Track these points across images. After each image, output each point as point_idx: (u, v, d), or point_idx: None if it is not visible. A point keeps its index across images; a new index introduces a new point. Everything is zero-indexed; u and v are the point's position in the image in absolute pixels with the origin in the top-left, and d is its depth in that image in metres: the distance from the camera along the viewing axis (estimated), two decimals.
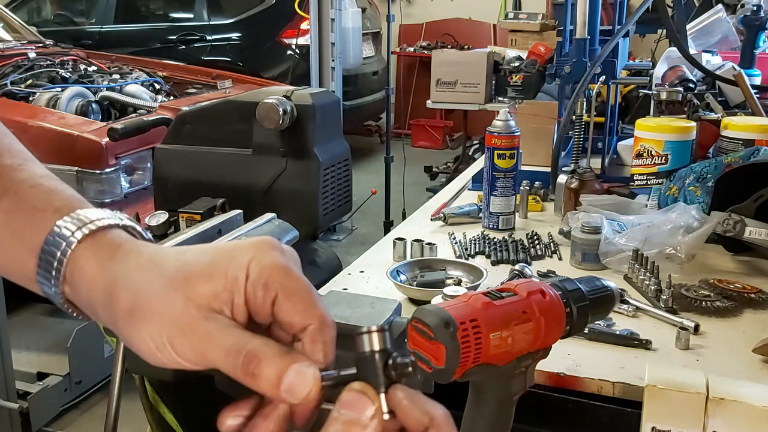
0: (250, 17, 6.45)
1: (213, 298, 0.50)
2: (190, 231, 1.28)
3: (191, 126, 2.36)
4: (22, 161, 0.60)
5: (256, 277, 0.50)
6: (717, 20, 3.08)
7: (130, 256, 0.53)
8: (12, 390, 2.60)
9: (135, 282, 0.51)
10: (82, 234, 0.53)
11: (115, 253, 0.53)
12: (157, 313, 0.50)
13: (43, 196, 0.57)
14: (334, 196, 2.32)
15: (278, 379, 0.48)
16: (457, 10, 8.13)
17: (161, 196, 2.37)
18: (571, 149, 1.87)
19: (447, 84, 4.11)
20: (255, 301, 0.50)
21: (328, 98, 2.41)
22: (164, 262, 0.52)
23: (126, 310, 0.51)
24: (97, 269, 0.53)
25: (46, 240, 0.54)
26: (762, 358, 1.14)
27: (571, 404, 1.10)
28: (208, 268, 0.51)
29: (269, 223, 1.36)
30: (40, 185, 0.58)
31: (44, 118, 3.39)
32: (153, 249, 0.54)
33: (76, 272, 0.53)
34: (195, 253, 0.53)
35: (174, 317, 0.49)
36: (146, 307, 0.50)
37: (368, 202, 5.09)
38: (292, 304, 0.51)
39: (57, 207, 0.56)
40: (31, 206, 0.56)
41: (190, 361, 0.50)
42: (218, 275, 0.50)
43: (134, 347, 0.51)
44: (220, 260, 0.51)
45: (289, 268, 0.51)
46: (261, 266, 0.50)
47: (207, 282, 0.50)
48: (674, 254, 1.42)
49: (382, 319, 1.06)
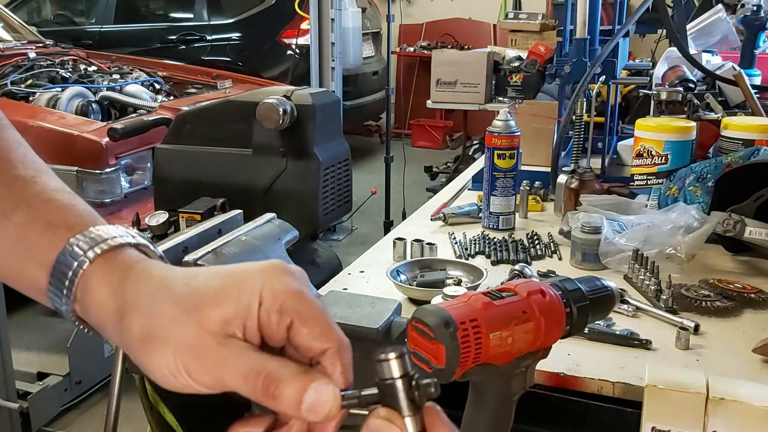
0: (250, 17, 6.45)
1: (225, 323, 0.49)
2: (190, 231, 1.28)
3: (191, 126, 2.36)
4: (36, 173, 0.60)
5: (270, 303, 0.50)
6: (717, 20, 3.08)
7: (141, 279, 0.53)
8: (12, 390, 2.60)
9: (146, 308, 0.51)
10: (94, 254, 0.53)
11: (126, 277, 0.53)
12: (170, 339, 0.50)
13: (57, 211, 0.57)
14: (334, 196, 2.32)
15: (299, 398, 0.48)
16: (457, 10, 8.13)
17: (161, 196, 2.37)
18: (571, 149, 1.88)
19: (447, 84, 4.11)
20: (269, 327, 0.50)
21: (328, 98, 2.40)
22: (175, 286, 0.52)
23: (139, 336, 0.51)
24: (108, 293, 0.53)
25: (58, 258, 0.54)
26: (762, 358, 1.14)
27: (571, 404, 1.10)
28: (219, 294, 0.50)
29: (269, 223, 1.36)
30: (54, 200, 0.58)
31: (44, 118, 3.39)
32: (163, 271, 0.54)
33: (87, 294, 0.53)
34: (205, 278, 0.52)
35: (188, 344, 0.49)
36: (159, 333, 0.50)
37: (368, 202, 5.09)
38: (310, 329, 0.50)
39: (70, 224, 0.56)
40: (45, 222, 0.56)
41: (206, 385, 0.50)
42: (230, 302, 0.50)
43: (149, 373, 0.51)
44: (231, 286, 0.51)
45: (302, 292, 0.51)
46: (275, 293, 0.50)
47: (218, 308, 0.50)
48: (674, 254, 1.42)
49: (382, 319, 1.06)
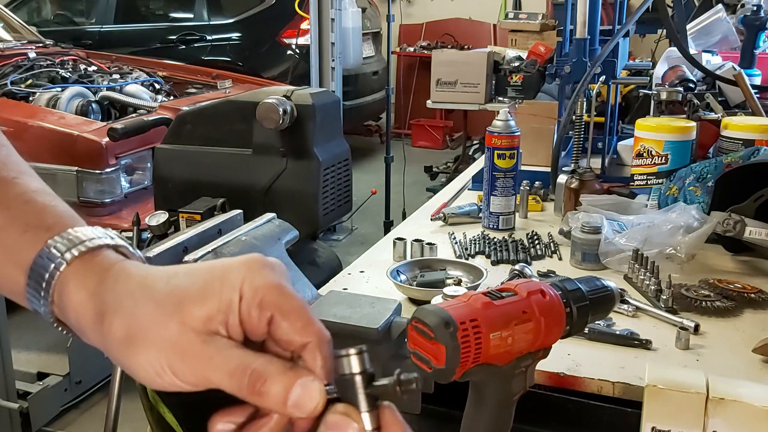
0: (250, 17, 6.45)
1: (208, 320, 0.50)
2: (190, 231, 1.27)
3: (191, 126, 2.35)
4: (17, 174, 0.60)
5: (250, 298, 0.50)
6: (717, 20, 3.08)
7: (120, 280, 0.53)
8: (12, 390, 2.60)
9: (127, 308, 0.51)
10: (71, 256, 0.53)
11: (105, 278, 0.53)
12: (153, 339, 0.50)
13: (35, 212, 0.57)
14: (334, 196, 2.32)
15: (285, 395, 0.48)
16: (457, 10, 8.13)
17: (161, 196, 2.37)
18: (571, 149, 1.88)
19: (447, 84, 4.11)
20: (250, 321, 0.50)
21: (328, 98, 2.40)
22: (155, 285, 0.52)
23: (121, 338, 0.51)
24: (86, 295, 0.53)
25: (36, 260, 0.54)
26: (762, 358, 1.14)
27: (571, 404, 1.10)
28: (200, 291, 0.50)
29: (269, 223, 1.36)
30: (33, 201, 0.58)
31: (44, 118, 3.39)
32: (143, 271, 0.54)
33: (65, 296, 0.53)
34: (186, 276, 0.52)
35: (171, 342, 0.49)
36: (142, 334, 0.50)
37: (368, 202, 5.08)
38: (290, 322, 0.51)
39: (48, 225, 0.56)
40: (23, 223, 0.56)
41: (191, 383, 0.50)
42: (211, 298, 0.50)
43: (133, 373, 0.51)
44: (212, 282, 0.51)
45: (282, 285, 0.51)
46: (255, 287, 0.50)
47: (200, 305, 0.50)
48: (674, 254, 1.42)
49: (382, 319, 1.06)
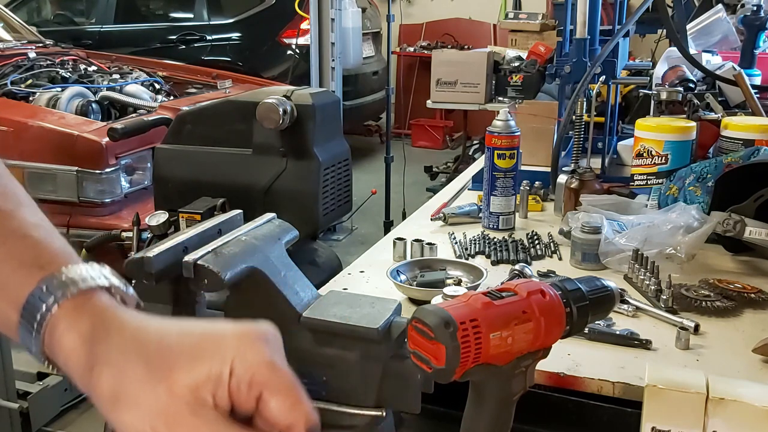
0: (250, 17, 6.45)
1: (196, 389, 0.49)
2: (190, 231, 1.27)
3: (191, 126, 2.35)
4: (15, 207, 0.60)
5: (241, 374, 0.50)
6: (717, 20, 3.07)
7: (111, 331, 0.52)
8: (12, 390, 2.59)
9: (116, 364, 0.51)
10: (64, 298, 0.53)
11: (97, 325, 0.53)
12: (140, 403, 0.49)
13: (31, 248, 0.57)
14: (334, 196, 2.32)
15: None
16: (457, 10, 8.13)
17: (161, 196, 2.37)
18: (571, 149, 1.88)
19: (447, 84, 4.11)
20: (239, 396, 0.50)
21: (328, 98, 2.40)
22: (147, 343, 0.51)
23: (108, 395, 0.51)
24: (78, 341, 0.52)
25: (28, 299, 0.54)
26: (762, 358, 1.14)
27: (571, 404, 1.10)
28: (191, 357, 0.50)
29: (269, 223, 1.35)
30: (29, 236, 0.58)
31: (44, 118, 3.38)
32: (136, 323, 0.53)
33: (55, 339, 0.53)
34: (178, 336, 0.52)
35: (158, 409, 0.49)
36: (129, 394, 0.50)
37: (368, 202, 5.08)
38: (278, 402, 0.50)
39: (42, 263, 0.56)
40: (18, 260, 0.56)
41: None
42: (201, 366, 0.50)
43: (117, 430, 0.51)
44: (204, 350, 0.51)
45: (273, 363, 0.51)
46: (246, 364, 0.50)
47: (189, 373, 0.49)
48: (674, 254, 1.42)
49: (382, 319, 1.05)
